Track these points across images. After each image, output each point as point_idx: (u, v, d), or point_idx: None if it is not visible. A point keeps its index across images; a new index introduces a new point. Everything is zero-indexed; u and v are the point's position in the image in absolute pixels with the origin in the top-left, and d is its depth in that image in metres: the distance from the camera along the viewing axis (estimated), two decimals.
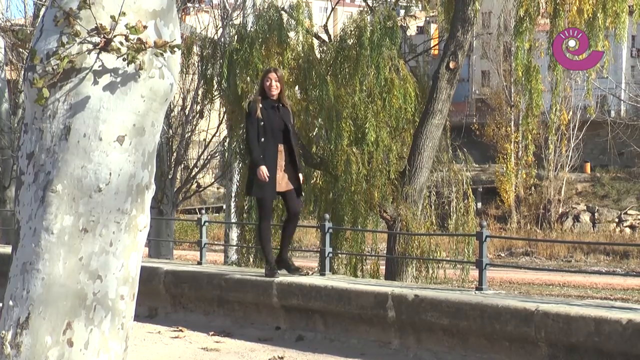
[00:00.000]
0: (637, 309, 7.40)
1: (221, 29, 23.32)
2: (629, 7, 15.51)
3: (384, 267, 16.72)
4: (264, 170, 8.81)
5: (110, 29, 3.87)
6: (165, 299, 10.09)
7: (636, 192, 52.06)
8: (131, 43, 3.87)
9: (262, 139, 8.91)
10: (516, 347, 7.23)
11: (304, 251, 29.84)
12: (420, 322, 7.80)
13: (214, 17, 25.12)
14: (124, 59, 3.88)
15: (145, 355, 8.11)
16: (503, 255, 45.31)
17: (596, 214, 51.20)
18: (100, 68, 3.91)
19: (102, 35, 3.87)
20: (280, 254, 9.29)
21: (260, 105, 8.98)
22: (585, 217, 51.23)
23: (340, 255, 16.25)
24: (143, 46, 3.88)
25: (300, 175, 9.20)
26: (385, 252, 17.57)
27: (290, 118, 9.11)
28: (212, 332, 9.04)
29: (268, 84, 9.02)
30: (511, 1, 16.87)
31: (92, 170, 3.91)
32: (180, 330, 9.21)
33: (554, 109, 17.25)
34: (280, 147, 8.98)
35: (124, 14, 3.88)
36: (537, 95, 16.18)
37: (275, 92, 9.02)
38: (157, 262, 11.85)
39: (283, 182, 9.00)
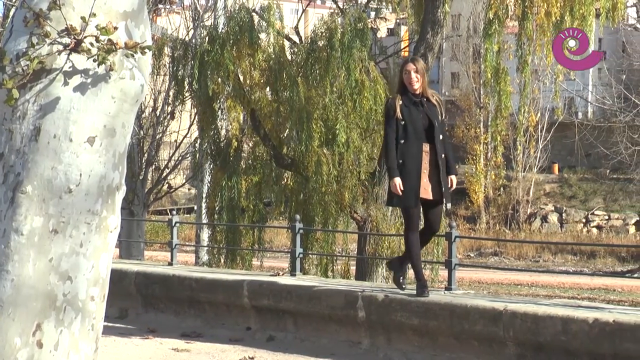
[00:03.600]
0: (603, 308, 7.50)
1: (192, 30, 23.31)
2: (596, 10, 15.67)
3: (354, 268, 16.77)
4: (397, 182, 7.61)
5: (81, 30, 3.88)
6: (136, 299, 10.08)
7: (603, 193, 52.49)
8: (102, 44, 3.88)
9: (402, 141, 7.70)
10: (485, 346, 7.29)
11: (275, 252, 29.85)
12: (390, 322, 7.84)
13: (185, 18, 25.13)
14: (94, 60, 3.88)
15: (115, 356, 8.10)
16: (472, 255, 45.52)
17: (564, 215, 51.56)
18: (71, 69, 3.91)
19: (73, 36, 3.87)
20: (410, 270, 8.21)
21: (401, 102, 7.76)
22: (553, 218, 51.58)
23: (311, 255, 16.29)
24: (113, 47, 3.89)
25: (453, 178, 7.88)
26: (355, 252, 17.63)
27: (437, 113, 7.80)
28: (182, 333, 9.04)
29: (407, 76, 7.78)
30: (480, 4, 17.01)
31: (62, 171, 3.91)
32: (151, 331, 9.20)
33: (523, 111, 17.40)
34: (425, 147, 7.72)
35: (95, 15, 3.89)
36: (505, 97, 16.31)
37: (416, 85, 7.77)
38: (128, 263, 11.83)
39: (428, 189, 7.74)
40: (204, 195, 19.88)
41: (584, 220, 51.11)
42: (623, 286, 32.55)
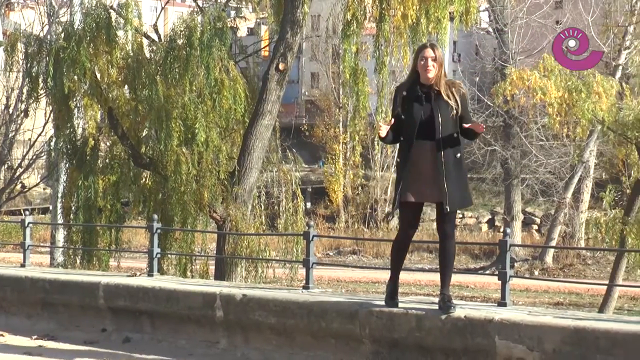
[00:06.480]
0: (456, 304, 7.70)
1: (47, 26, 22.81)
2: (450, 13, 16.11)
3: (214, 267, 16.74)
4: (383, 127, 6.86)
5: None
6: None
7: None
8: None
9: (401, 137, 6.92)
10: (341, 344, 7.39)
11: (133, 252, 29.48)
12: (248, 321, 7.87)
13: (40, 13, 24.58)
14: None
15: None
16: (331, 254, 46.07)
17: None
18: None
19: None
20: (441, 286, 7.10)
21: (405, 92, 6.93)
22: None
23: (169, 255, 16.17)
24: None
25: (474, 125, 6.92)
26: (215, 252, 17.59)
27: (447, 107, 6.85)
28: (35, 336, 8.84)
29: (423, 63, 6.89)
30: (339, 5, 17.19)
31: None
32: (1, 335, 8.97)
33: (380, 111, 17.69)
34: (422, 145, 6.83)
35: None
36: (364, 97, 16.55)
37: (431, 75, 6.89)
38: None
39: (426, 191, 6.88)
40: (60, 195, 19.46)
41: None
42: (476, 283, 33.60)
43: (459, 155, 6.91)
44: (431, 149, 6.82)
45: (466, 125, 6.88)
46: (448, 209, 6.85)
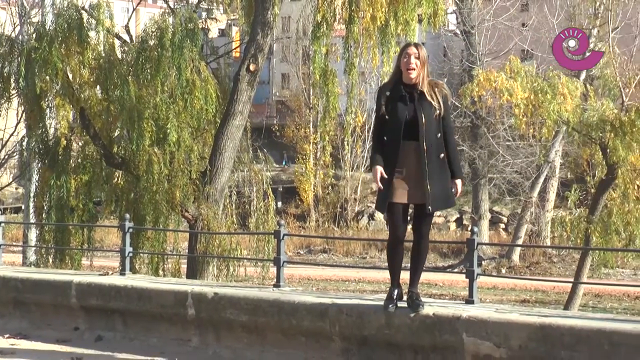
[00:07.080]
0: (424, 302, 7.85)
1: (19, 27, 22.75)
2: (418, 16, 16.26)
3: (186, 266, 16.81)
4: (377, 171, 6.77)
5: None
6: None
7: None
8: None
9: (385, 137, 6.83)
10: (312, 341, 7.48)
11: (105, 251, 29.44)
12: (220, 319, 7.95)
13: (11, 14, 24.50)
14: None
15: None
16: (302, 252, 46.16)
17: None
18: None
19: None
20: (409, 284, 7.10)
21: (388, 92, 6.89)
22: (380, 215, 52.89)
23: (142, 254, 16.22)
24: None
25: (457, 182, 6.92)
26: (187, 251, 17.66)
27: (431, 108, 6.78)
28: (7, 335, 8.87)
29: (405, 61, 6.83)
30: (309, 7, 17.29)
31: None
32: None
33: (350, 112, 17.81)
34: (407, 145, 6.78)
35: None
36: (333, 98, 16.64)
37: (414, 74, 6.82)
38: None
39: (406, 192, 6.85)
40: (32, 195, 19.43)
41: (408, 218, 52.61)
42: (444, 281, 33.81)
43: (442, 155, 6.83)
44: (415, 150, 6.77)
45: (452, 186, 6.89)
46: (430, 210, 6.84)
